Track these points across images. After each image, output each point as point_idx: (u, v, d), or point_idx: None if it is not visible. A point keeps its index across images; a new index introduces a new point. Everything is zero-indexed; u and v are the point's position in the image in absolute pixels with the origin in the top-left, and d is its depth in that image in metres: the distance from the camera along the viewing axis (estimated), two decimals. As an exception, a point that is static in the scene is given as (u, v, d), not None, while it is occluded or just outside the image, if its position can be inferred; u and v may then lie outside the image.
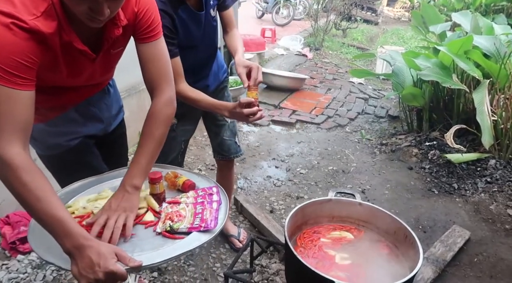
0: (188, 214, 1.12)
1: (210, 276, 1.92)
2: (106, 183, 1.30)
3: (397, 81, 3.35)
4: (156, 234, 1.06)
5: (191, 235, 1.05)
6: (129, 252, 0.97)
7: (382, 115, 4.07)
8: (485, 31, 3.22)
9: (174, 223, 1.08)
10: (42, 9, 0.90)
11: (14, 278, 1.77)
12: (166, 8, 1.45)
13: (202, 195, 1.22)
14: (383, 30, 8.97)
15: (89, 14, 0.92)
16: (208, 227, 1.06)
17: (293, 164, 3.04)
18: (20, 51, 0.87)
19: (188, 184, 1.27)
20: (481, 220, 2.37)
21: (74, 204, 1.17)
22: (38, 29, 0.89)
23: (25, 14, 0.87)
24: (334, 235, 1.60)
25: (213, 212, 1.12)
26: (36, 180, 0.88)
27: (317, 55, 6.41)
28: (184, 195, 1.24)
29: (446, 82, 2.75)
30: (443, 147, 3.06)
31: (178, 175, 1.31)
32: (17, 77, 0.88)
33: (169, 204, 1.19)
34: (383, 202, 2.57)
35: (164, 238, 1.05)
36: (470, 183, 2.69)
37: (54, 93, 1.12)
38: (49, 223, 0.87)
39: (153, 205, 1.17)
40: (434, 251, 2.02)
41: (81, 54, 1.04)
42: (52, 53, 0.97)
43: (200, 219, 1.09)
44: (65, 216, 0.87)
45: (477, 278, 1.95)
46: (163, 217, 1.12)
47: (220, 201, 1.20)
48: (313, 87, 4.85)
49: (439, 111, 3.33)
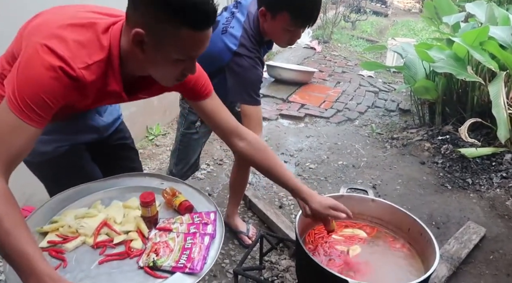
0: (176, 247, 1.03)
1: (219, 273, 1.89)
2: (98, 193, 1.24)
3: (409, 74, 3.26)
4: (138, 268, 0.99)
5: (174, 275, 0.96)
6: None
7: (392, 109, 3.99)
8: (500, 21, 3.11)
9: (159, 257, 1.00)
10: (96, 59, 0.89)
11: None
12: (259, 54, 1.48)
13: (197, 224, 1.12)
14: (393, 22, 8.79)
15: (181, 74, 0.96)
16: (194, 269, 0.96)
17: (302, 159, 2.99)
18: (52, 92, 0.86)
19: (185, 206, 1.18)
20: (497, 216, 2.31)
21: (61, 218, 1.12)
22: (83, 78, 0.88)
23: (77, 61, 0.86)
24: (346, 233, 1.56)
25: (203, 250, 1.02)
26: (7, 211, 0.82)
27: (326, 48, 6.31)
28: (178, 219, 1.15)
29: (460, 74, 2.67)
30: (456, 141, 2.99)
31: (177, 193, 1.21)
32: (35, 114, 0.86)
33: (159, 232, 1.11)
34: (394, 197, 2.51)
35: (145, 275, 0.97)
36: (485, 178, 2.62)
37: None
38: (15, 259, 0.80)
39: (142, 229, 1.10)
40: (448, 248, 1.97)
41: (114, 98, 1.03)
42: (86, 97, 0.95)
43: (187, 257, 1.00)
44: (33, 252, 0.80)
45: (493, 276, 1.90)
46: (148, 248, 1.04)
47: (214, 235, 1.09)
48: (322, 80, 4.77)
49: (452, 104, 3.25)
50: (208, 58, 1.53)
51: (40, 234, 1.06)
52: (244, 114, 1.48)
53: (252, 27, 1.44)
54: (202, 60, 1.59)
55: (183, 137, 1.73)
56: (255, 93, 1.47)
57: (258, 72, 1.46)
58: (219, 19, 1.51)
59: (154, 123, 3.17)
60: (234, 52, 1.41)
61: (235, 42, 1.42)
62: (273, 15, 1.38)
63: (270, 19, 1.40)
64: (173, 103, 1.71)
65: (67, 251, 1.02)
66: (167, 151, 2.96)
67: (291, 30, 1.38)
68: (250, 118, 1.48)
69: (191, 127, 1.70)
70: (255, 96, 1.47)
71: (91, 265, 0.99)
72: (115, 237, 1.08)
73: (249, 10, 1.47)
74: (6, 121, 0.85)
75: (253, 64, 1.43)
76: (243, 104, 1.48)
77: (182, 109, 1.72)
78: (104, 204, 1.19)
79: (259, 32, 1.45)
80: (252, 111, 1.47)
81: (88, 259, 1.01)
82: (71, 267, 0.97)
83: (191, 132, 1.71)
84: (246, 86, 1.45)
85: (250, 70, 1.43)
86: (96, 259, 1.01)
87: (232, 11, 1.51)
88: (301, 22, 1.36)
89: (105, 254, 1.04)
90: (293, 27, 1.37)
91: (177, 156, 1.76)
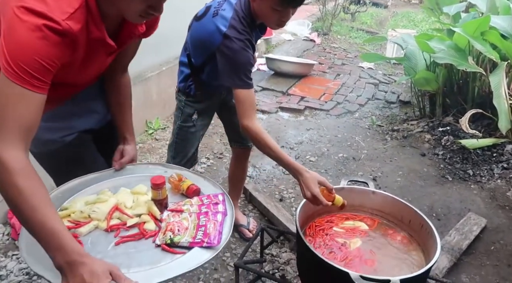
0: (190, 225, 1.05)
1: (220, 266, 1.89)
2: (106, 182, 1.25)
3: (409, 65, 3.24)
4: (156, 246, 1.00)
5: (192, 250, 0.98)
6: (126, 266, 0.93)
7: (393, 101, 3.97)
8: (502, 11, 3.08)
9: (175, 235, 1.01)
10: (76, 6, 0.87)
11: (24, 268, 1.77)
12: (250, 36, 1.45)
13: (207, 204, 1.14)
14: (393, 13, 8.73)
15: (145, 11, 0.92)
16: (211, 243, 0.99)
17: (302, 152, 2.98)
18: (46, 54, 0.84)
19: (192, 189, 1.20)
20: (498, 207, 2.31)
21: (71, 205, 1.13)
22: (70, 30, 0.86)
23: (58, 13, 0.83)
24: (347, 225, 1.55)
25: (217, 226, 1.05)
26: (33, 187, 0.82)
27: (325, 40, 6.26)
28: (187, 201, 1.17)
29: (461, 64, 2.65)
30: (457, 133, 2.98)
31: (183, 178, 1.24)
32: (36, 79, 0.84)
33: (171, 213, 1.12)
34: (395, 189, 2.51)
35: (163, 252, 0.98)
36: (486, 169, 2.61)
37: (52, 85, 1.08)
38: (42, 235, 0.81)
39: (154, 212, 1.11)
40: (449, 239, 1.97)
41: (102, 48, 1.01)
42: (77, 51, 0.94)
43: (203, 232, 1.02)
44: (60, 229, 0.81)
45: (494, 266, 1.90)
46: (163, 227, 1.05)
47: (225, 212, 1.12)
48: (321, 72, 4.74)
49: (453, 95, 3.23)
50: (200, 43, 1.52)
51: None
52: (236, 98, 1.46)
53: (243, 8, 1.42)
54: (197, 48, 1.58)
55: (179, 130, 1.71)
56: (246, 76, 1.44)
57: (248, 55, 1.43)
58: (211, 3, 1.50)
59: (154, 117, 3.16)
60: (224, 34, 1.39)
61: (225, 24, 1.39)
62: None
63: (258, 0, 1.39)
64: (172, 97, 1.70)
65: (81, 235, 1.04)
66: (166, 145, 2.94)
67: (279, 10, 1.36)
68: (243, 102, 1.45)
69: (187, 120, 1.69)
70: (246, 80, 1.44)
71: (108, 247, 1.01)
72: (128, 220, 1.09)
73: None
74: (9, 92, 0.83)
75: (243, 46, 1.40)
76: (235, 88, 1.45)
77: (179, 102, 1.70)
78: (112, 192, 1.20)
79: (250, 14, 1.43)
80: (244, 95, 1.44)
81: (104, 241, 1.03)
82: (87, 249, 0.98)
83: (188, 125, 1.70)
84: (236, 70, 1.43)
85: (240, 52, 1.40)
86: (112, 241, 1.03)
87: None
88: (287, 2, 1.34)
89: (121, 236, 1.05)
90: (280, 7, 1.35)
91: (174, 149, 1.75)
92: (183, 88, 1.66)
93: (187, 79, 1.64)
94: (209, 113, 1.79)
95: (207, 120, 1.79)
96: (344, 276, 1.13)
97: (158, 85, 3.14)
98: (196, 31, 1.54)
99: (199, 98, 1.66)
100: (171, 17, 1.75)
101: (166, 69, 3.20)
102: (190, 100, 1.66)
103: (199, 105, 1.68)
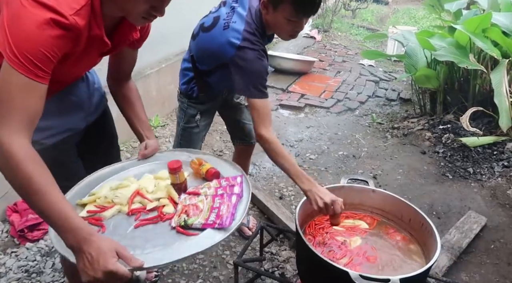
0: (205, 207, 1.09)
1: (219, 264, 1.89)
2: (132, 169, 1.32)
3: (410, 63, 3.22)
4: (171, 229, 1.05)
5: (205, 232, 1.02)
6: (141, 247, 0.97)
7: (393, 98, 3.96)
8: (503, 7, 3.06)
9: (189, 217, 1.06)
10: (83, 3, 0.90)
11: (23, 266, 1.77)
12: (263, 46, 1.45)
13: (224, 186, 1.19)
14: (393, 10, 8.69)
15: (148, 12, 0.95)
16: (223, 224, 1.02)
17: (302, 149, 2.98)
18: (51, 46, 0.86)
19: (211, 172, 1.24)
20: (498, 206, 2.30)
21: (98, 191, 1.19)
22: (76, 25, 0.88)
23: (66, 8, 0.86)
24: (347, 224, 1.55)
25: (230, 208, 1.08)
26: (40, 172, 0.85)
27: (326, 37, 6.24)
28: (206, 185, 1.21)
29: (462, 62, 2.63)
30: (457, 131, 2.97)
31: (203, 162, 1.28)
32: (40, 70, 0.86)
33: (188, 196, 1.17)
34: (395, 187, 2.50)
35: (178, 234, 1.03)
36: (486, 167, 2.60)
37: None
38: (52, 217, 0.84)
39: (173, 195, 1.17)
40: (449, 238, 1.97)
41: (98, 47, 1.03)
42: (78, 46, 0.96)
43: (215, 214, 1.06)
44: (67, 210, 0.85)
45: (494, 265, 1.90)
46: (179, 210, 1.10)
47: (240, 194, 1.15)
48: (322, 70, 4.73)
49: (453, 93, 3.22)
50: (211, 54, 1.50)
51: (79, 206, 1.14)
52: (252, 108, 1.45)
53: (255, 20, 1.41)
54: (204, 57, 1.56)
55: (183, 131, 1.72)
56: (262, 85, 1.44)
57: (263, 64, 1.43)
58: (218, 14, 1.47)
59: (153, 114, 3.14)
60: (238, 47, 1.38)
61: (239, 37, 1.38)
62: (275, 6, 1.36)
63: (272, 11, 1.38)
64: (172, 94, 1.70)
65: (105, 219, 1.09)
66: (166, 142, 2.94)
67: (293, 20, 1.36)
68: (259, 111, 1.44)
69: (191, 121, 1.68)
70: (262, 89, 1.44)
71: (127, 229, 1.06)
72: (148, 204, 1.14)
73: (251, 4, 1.44)
74: (14, 82, 0.85)
75: (258, 56, 1.40)
76: (251, 98, 1.44)
77: (181, 103, 1.70)
78: (137, 178, 1.26)
79: (262, 25, 1.42)
80: (260, 105, 1.44)
81: (124, 224, 1.09)
82: (109, 232, 1.05)
83: (191, 126, 1.70)
84: (252, 79, 1.42)
85: (256, 61, 1.40)
86: (132, 224, 1.08)
87: (232, 5, 1.47)
88: (303, 12, 1.34)
89: (140, 219, 1.10)
90: (295, 17, 1.35)
91: None
92: (185, 90, 1.65)
93: (190, 82, 1.63)
94: (211, 113, 1.79)
95: (209, 120, 1.79)
96: (344, 276, 1.13)
97: (157, 82, 3.13)
98: (204, 42, 1.51)
99: (202, 100, 1.66)
100: (170, 15, 1.73)
101: (165, 66, 3.19)
102: (192, 101, 1.66)
103: (202, 106, 1.68)
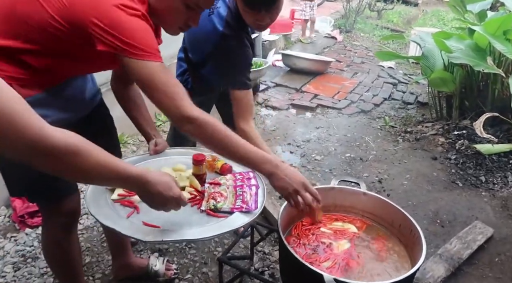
0: (229, 195, 1.19)
1: (210, 260, 1.89)
2: (147, 162, 1.35)
3: (426, 65, 3.11)
4: (201, 212, 1.14)
5: (234, 215, 1.12)
6: (179, 226, 1.06)
7: (410, 101, 3.84)
8: (530, 9, 2.90)
9: (217, 202, 1.15)
10: (145, 9, 1.03)
11: (20, 251, 1.83)
12: (246, 32, 1.45)
13: (240, 179, 1.27)
14: (422, 12, 8.43)
15: (185, 23, 1.09)
16: (250, 208, 1.14)
17: (308, 150, 2.93)
18: (151, 30, 1.00)
19: (226, 167, 1.34)
20: (508, 217, 2.18)
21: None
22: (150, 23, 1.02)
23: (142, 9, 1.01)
24: (336, 226, 1.50)
25: (253, 195, 1.19)
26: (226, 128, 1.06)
27: (348, 37, 6.13)
28: (223, 177, 1.29)
29: (478, 65, 2.51)
30: (473, 137, 2.84)
31: (216, 158, 1.37)
32: (159, 52, 1.01)
33: (211, 185, 1.25)
34: (400, 192, 2.42)
35: (209, 216, 1.13)
36: (500, 177, 2.47)
37: (43, 70, 1.07)
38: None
39: (196, 185, 1.24)
40: (449, 247, 1.88)
41: None
42: None
43: (241, 200, 1.16)
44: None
45: (496, 279, 1.80)
46: (206, 196, 1.18)
47: (258, 186, 1.26)
48: (338, 70, 4.65)
49: (472, 97, 3.08)
50: (198, 41, 1.50)
51: (109, 190, 1.19)
52: (234, 99, 1.45)
53: (234, 5, 1.40)
54: (194, 47, 1.56)
55: None
56: (244, 76, 1.43)
57: (246, 53, 1.41)
58: None
59: (153, 114, 3.18)
60: (221, 33, 1.37)
61: (221, 23, 1.38)
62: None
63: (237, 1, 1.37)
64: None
65: (135, 202, 1.14)
66: (173, 137, 2.98)
67: (250, 13, 1.34)
68: (239, 103, 1.45)
69: None
70: (244, 80, 1.43)
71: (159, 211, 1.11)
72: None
73: None
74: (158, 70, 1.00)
75: (240, 45, 1.39)
76: (231, 88, 1.44)
77: None
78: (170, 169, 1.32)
79: (238, 12, 1.41)
80: (241, 96, 1.44)
81: None
82: (143, 212, 1.10)
83: None
84: (235, 70, 1.42)
85: (238, 50, 1.39)
86: None
87: None
88: (252, 5, 1.31)
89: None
90: (249, 10, 1.32)
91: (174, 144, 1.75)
92: (180, 81, 1.66)
93: (184, 73, 1.64)
94: (207, 106, 1.78)
95: None
96: (318, 279, 1.10)
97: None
98: (193, 30, 1.52)
99: (197, 92, 1.66)
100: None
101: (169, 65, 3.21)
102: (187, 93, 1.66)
103: (197, 98, 1.67)
